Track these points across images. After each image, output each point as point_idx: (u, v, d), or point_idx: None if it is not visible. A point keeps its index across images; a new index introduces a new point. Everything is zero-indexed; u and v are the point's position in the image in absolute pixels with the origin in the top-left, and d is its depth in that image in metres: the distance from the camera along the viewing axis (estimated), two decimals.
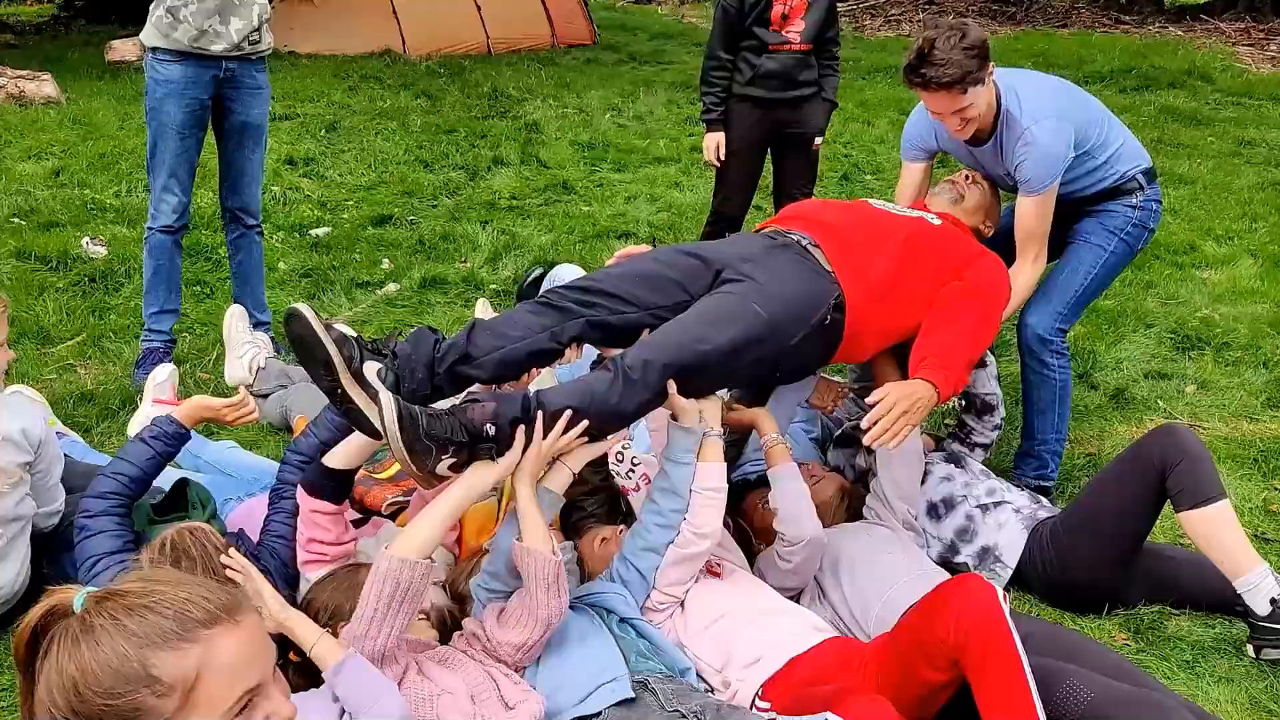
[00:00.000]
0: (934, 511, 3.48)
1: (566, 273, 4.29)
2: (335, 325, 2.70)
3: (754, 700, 2.76)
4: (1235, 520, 3.04)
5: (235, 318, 4.43)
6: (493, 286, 5.54)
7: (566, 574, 3.13)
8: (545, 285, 4.33)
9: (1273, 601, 2.95)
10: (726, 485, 2.98)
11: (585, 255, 5.95)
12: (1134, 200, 3.69)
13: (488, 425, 2.65)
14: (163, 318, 4.51)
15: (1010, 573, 3.32)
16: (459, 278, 5.60)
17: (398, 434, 2.56)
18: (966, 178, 3.70)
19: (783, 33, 4.89)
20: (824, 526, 3.22)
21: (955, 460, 3.61)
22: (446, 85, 9.79)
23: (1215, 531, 3.00)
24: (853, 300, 2.97)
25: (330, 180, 7.15)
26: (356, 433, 2.84)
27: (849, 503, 3.50)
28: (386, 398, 2.58)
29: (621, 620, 2.89)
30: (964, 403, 3.78)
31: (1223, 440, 4.22)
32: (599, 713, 2.62)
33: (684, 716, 2.58)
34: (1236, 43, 12.27)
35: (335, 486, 2.96)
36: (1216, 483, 3.04)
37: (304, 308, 2.66)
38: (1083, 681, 2.49)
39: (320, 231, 6.16)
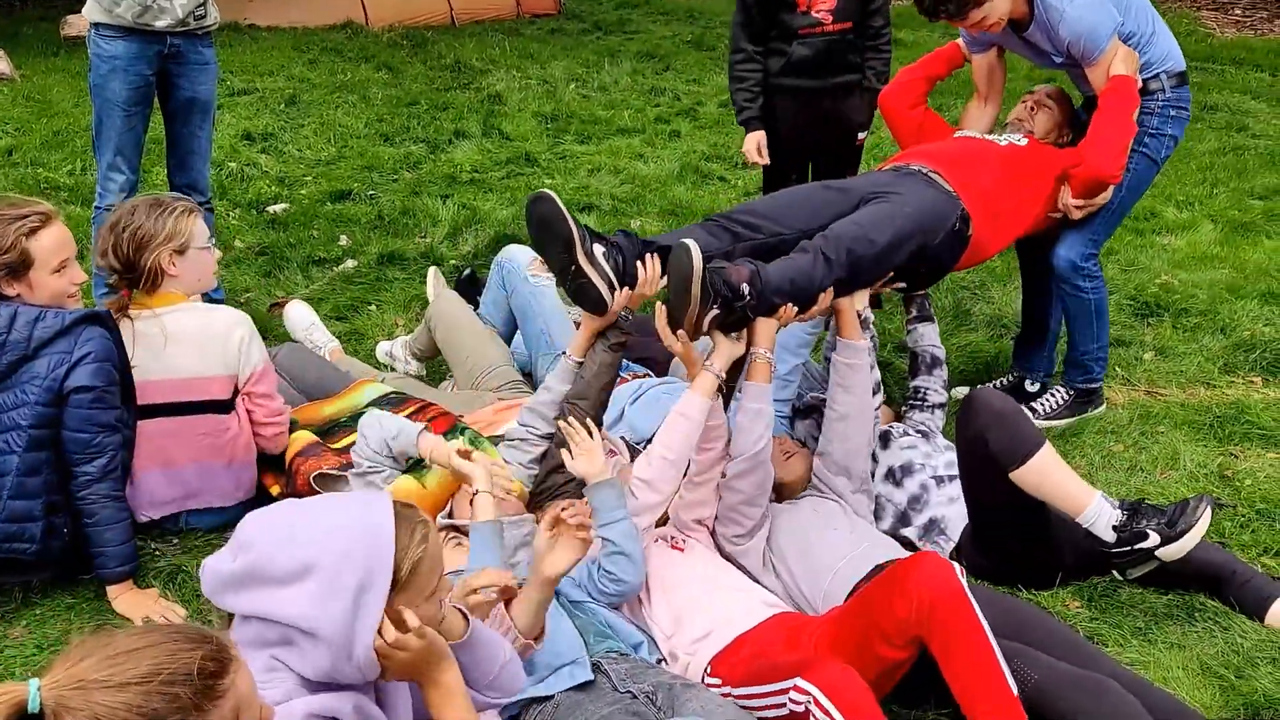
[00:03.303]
0: (891, 476, 3.51)
1: (516, 253, 4.22)
2: None
3: (703, 677, 2.76)
4: (1058, 463, 3.04)
5: None
6: (452, 261, 5.49)
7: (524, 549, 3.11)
8: (494, 267, 4.26)
9: (1114, 528, 2.99)
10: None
11: None
12: (1151, 105, 3.79)
13: (744, 285, 3.07)
14: (112, 296, 4.45)
15: (952, 545, 3.33)
16: (418, 253, 5.55)
17: (701, 271, 2.97)
18: (1031, 109, 3.99)
19: (812, 13, 4.37)
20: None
21: (921, 433, 3.64)
22: (408, 57, 9.68)
23: (1042, 481, 3.01)
24: (973, 211, 3.50)
25: (289, 155, 7.06)
26: None
27: None
28: (694, 245, 2.97)
29: (572, 601, 2.87)
30: (911, 365, 3.82)
31: (1179, 406, 4.23)
32: (552, 695, 2.61)
33: (635, 697, 2.57)
34: (1201, 7, 12.27)
35: None
36: (1030, 434, 3.03)
37: (550, 192, 3.11)
38: (1026, 663, 2.50)
39: (278, 208, 6.08)
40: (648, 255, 3.21)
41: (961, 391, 4.40)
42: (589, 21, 11.77)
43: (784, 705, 2.47)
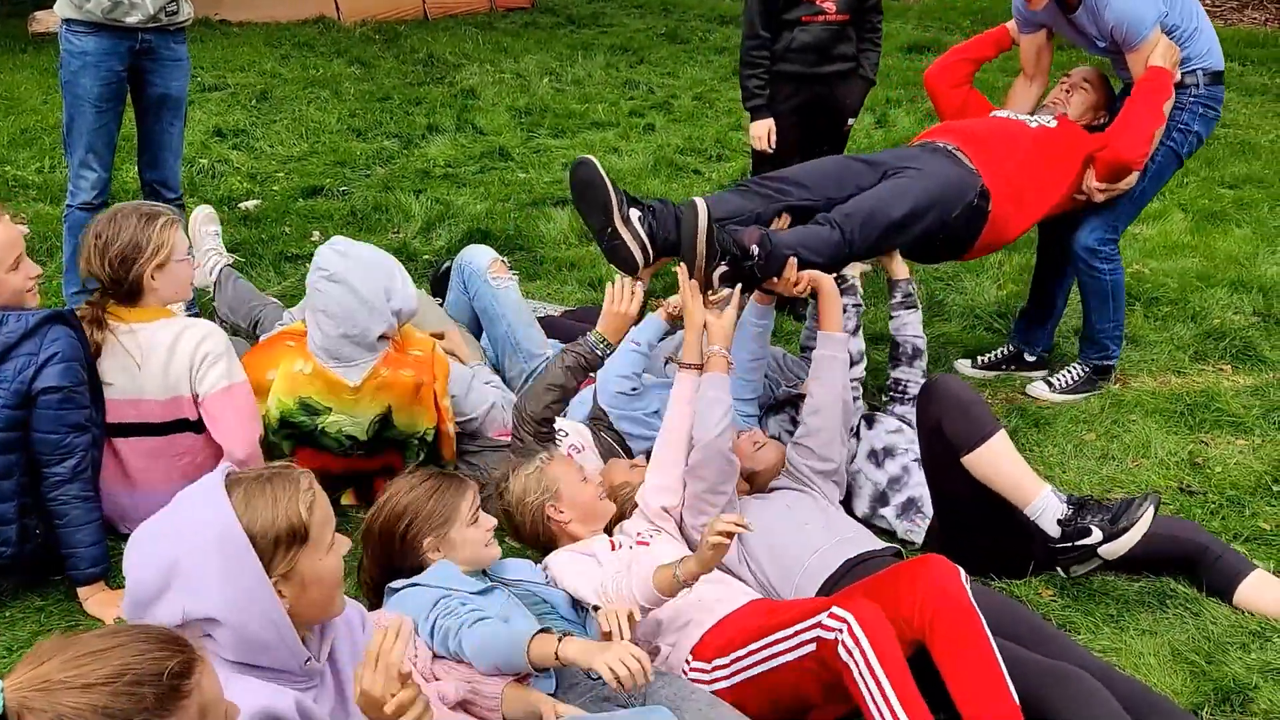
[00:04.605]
0: (874, 456, 3.55)
1: (476, 255, 4.19)
2: None
3: (684, 666, 2.76)
4: (1010, 452, 3.04)
5: (202, 220, 4.35)
6: (425, 257, 5.47)
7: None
8: (454, 269, 4.23)
9: (1059, 522, 2.99)
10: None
11: (521, 224, 5.89)
12: (1184, 100, 3.91)
13: (753, 246, 3.33)
14: (83, 298, 4.41)
15: (928, 523, 3.35)
16: (391, 249, 5.48)
17: (706, 230, 3.22)
18: (1067, 91, 4.13)
19: (817, 2, 4.53)
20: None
21: (905, 420, 3.66)
22: (381, 52, 9.64)
23: (992, 469, 3.01)
24: (993, 189, 3.66)
25: (260, 151, 7.02)
26: None
27: None
28: (701, 203, 3.24)
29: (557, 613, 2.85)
30: (891, 353, 3.83)
31: (1150, 395, 4.26)
32: None
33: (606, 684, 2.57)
34: None
35: None
36: (985, 421, 3.04)
37: (592, 158, 3.34)
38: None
39: (249, 204, 6.05)
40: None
41: (963, 365, 4.56)
42: (562, 15, 11.75)
43: (808, 643, 2.46)
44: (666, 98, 8.59)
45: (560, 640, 2.34)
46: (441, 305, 4.30)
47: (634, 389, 3.72)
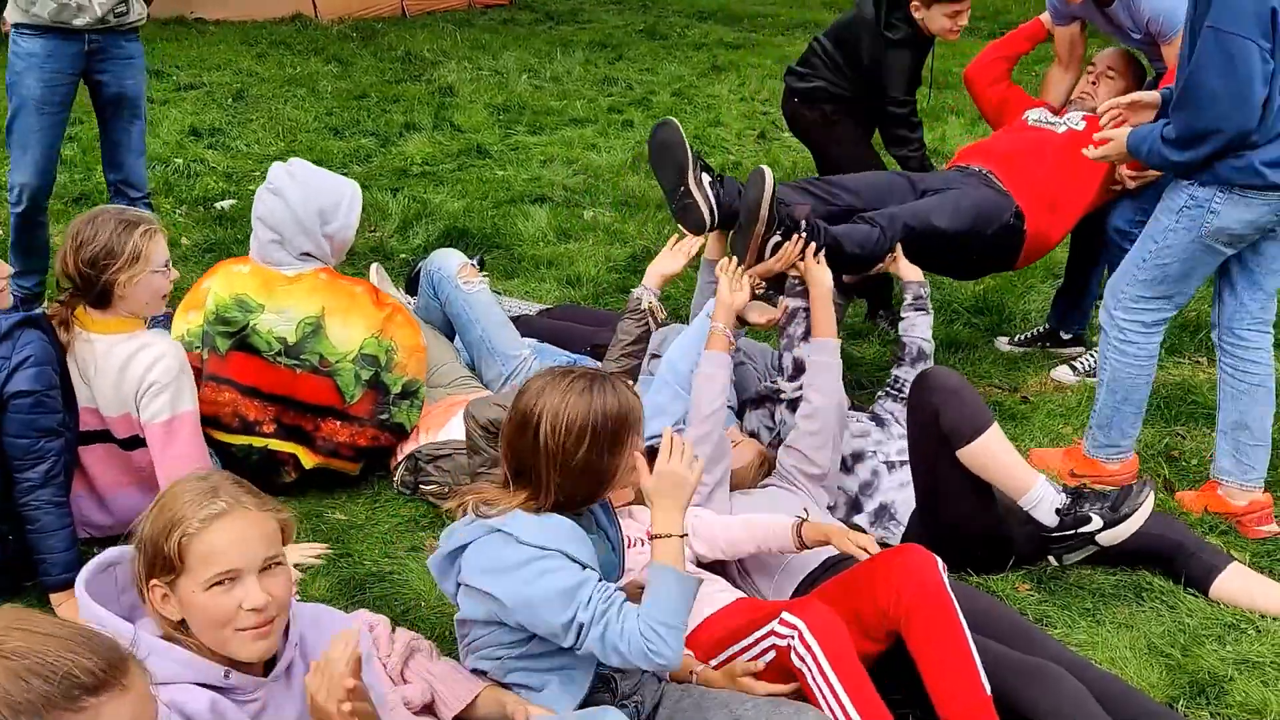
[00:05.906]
0: (843, 464, 3.51)
1: (444, 260, 4.15)
2: None
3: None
4: (1004, 444, 3.04)
5: None
6: (402, 255, 5.44)
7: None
8: (423, 274, 4.20)
9: (1057, 511, 3.00)
10: None
11: (498, 221, 5.87)
12: None
13: (803, 220, 3.51)
14: (26, 276, 4.44)
15: (903, 529, 3.34)
16: (367, 248, 5.50)
17: (771, 197, 3.40)
18: (1093, 82, 4.26)
19: None
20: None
21: (877, 420, 3.63)
22: (358, 49, 9.60)
23: (986, 461, 3.01)
24: (1027, 208, 3.91)
25: (236, 150, 6.98)
26: None
27: (768, 469, 3.50)
28: (769, 170, 3.42)
29: None
30: (896, 353, 3.81)
31: None
32: None
33: (624, 706, 2.54)
34: None
35: None
36: (979, 413, 3.04)
37: (675, 120, 3.59)
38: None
39: (225, 204, 6.01)
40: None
41: (1001, 341, 4.68)
42: (541, 12, 11.73)
43: (769, 650, 2.47)
44: (645, 94, 8.58)
45: None
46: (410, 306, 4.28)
47: None
